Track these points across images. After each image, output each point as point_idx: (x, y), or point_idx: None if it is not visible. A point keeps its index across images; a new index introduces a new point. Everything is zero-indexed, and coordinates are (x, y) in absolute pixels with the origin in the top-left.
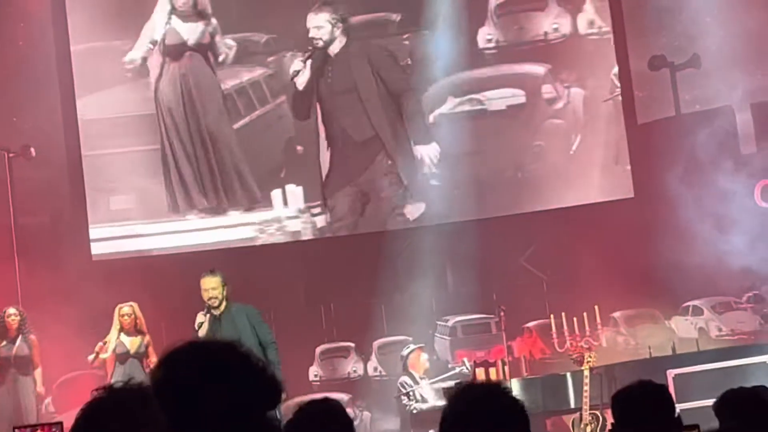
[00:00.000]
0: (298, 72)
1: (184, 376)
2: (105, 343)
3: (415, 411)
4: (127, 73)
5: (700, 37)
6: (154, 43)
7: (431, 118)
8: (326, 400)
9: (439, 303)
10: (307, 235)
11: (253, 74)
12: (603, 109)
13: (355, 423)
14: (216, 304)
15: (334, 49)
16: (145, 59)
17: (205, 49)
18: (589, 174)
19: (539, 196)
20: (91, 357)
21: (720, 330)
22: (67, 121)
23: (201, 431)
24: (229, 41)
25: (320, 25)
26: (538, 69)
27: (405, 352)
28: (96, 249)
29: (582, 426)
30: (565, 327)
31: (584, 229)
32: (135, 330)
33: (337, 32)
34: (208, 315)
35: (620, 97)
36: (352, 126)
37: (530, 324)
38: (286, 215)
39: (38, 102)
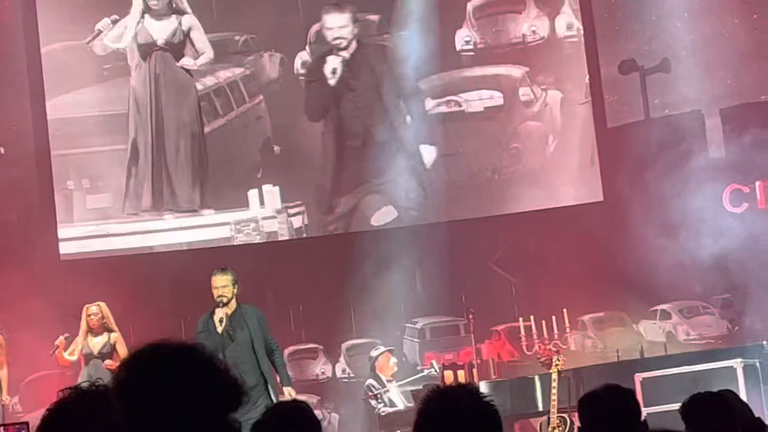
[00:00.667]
0: (335, 71)
1: (146, 378)
2: (66, 338)
3: (382, 413)
4: (105, 72)
5: (670, 41)
6: (120, 37)
7: (408, 119)
8: (295, 402)
9: (408, 305)
10: (283, 236)
11: (230, 74)
12: (579, 112)
13: (323, 424)
14: (225, 302)
15: (351, 48)
16: (112, 49)
17: (180, 48)
18: (565, 176)
19: (515, 198)
20: (51, 352)
21: (688, 334)
22: (37, 120)
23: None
24: (205, 39)
25: (344, 24)
26: (516, 71)
27: (374, 353)
28: (64, 248)
29: (550, 429)
30: (534, 330)
31: (553, 232)
32: (103, 329)
33: (356, 31)
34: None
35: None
36: (374, 125)
37: (499, 327)
38: (263, 215)
39: (8, 101)
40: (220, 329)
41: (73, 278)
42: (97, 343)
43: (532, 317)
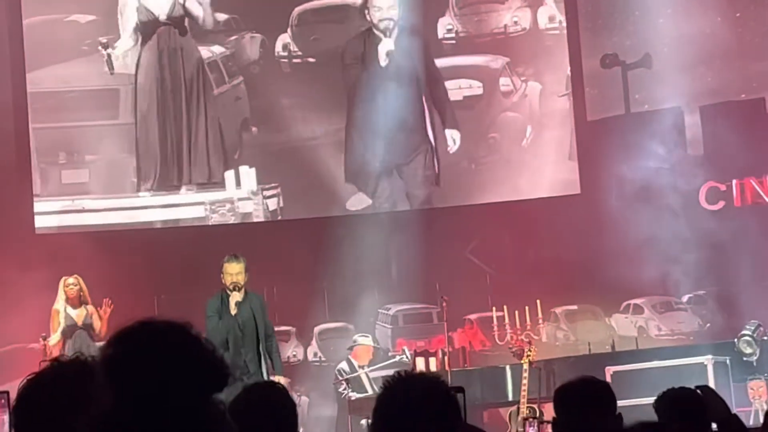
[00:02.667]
0: (390, 53)
1: (133, 355)
2: (44, 337)
3: (352, 398)
4: (84, 47)
5: (652, 37)
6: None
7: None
8: (271, 383)
9: (382, 291)
10: (258, 217)
11: (210, 54)
12: (559, 104)
13: (296, 407)
14: (239, 288)
15: (395, 33)
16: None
17: (180, 21)
18: (542, 168)
19: (492, 188)
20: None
21: (660, 329)
22: (17, 93)
23: (146, 409)
24: (201, 8)
25: (392, 5)
26: (496, 61)
27: (360, 339)
28: (39, 222)
29: (519, 419)
30: (507, 320)
31: (529, 223)
32: (79, 302)
33: (401, 12)
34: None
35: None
36: (407, 112)
37: (472, 316)
38: (239, 196)
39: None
40: (234, 311)
41: (47, 252)
42: (78, 314)
43: (505, 307)
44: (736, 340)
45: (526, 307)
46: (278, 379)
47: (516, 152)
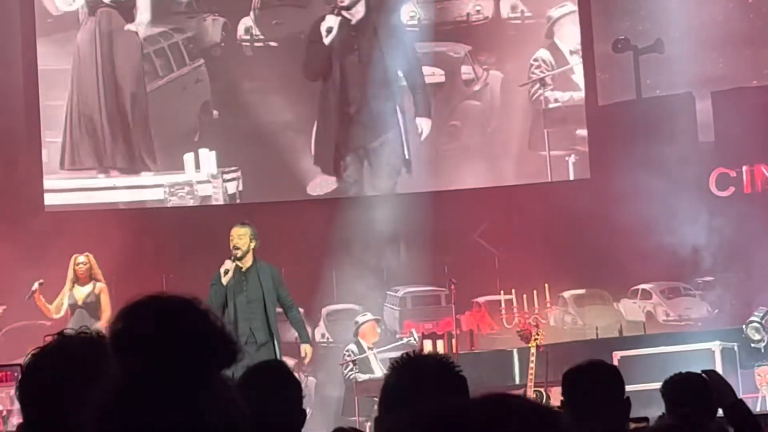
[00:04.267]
0: (331, 29)
1: (141, 329)
2: (40, 283)
3: (360, 379)
4: (48, 26)
5: (664, 22)
6: None
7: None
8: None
9: (391, 273)
10: (217, 201)
11: (172, 35)
12: (520, 94)
13: (302, 387)
14: (239, 255)
15: (357, 15)
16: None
17: (129, 6)
18: (502, 157)
19: (452, 175)
20: (27, 296)
21: (667, 315)
22: (27, 70)
23: (154, 384)
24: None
25: None
26: (459, 49)
27: (360, 319)
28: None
29: None
30: (515, 303)
31: (540, 207)
32: (89, 279)
33: None
34: (234, 264)
35: (540, 84)
36: (374, 95)
37: (480, 299)
38: (198, 179)
39: None
40: (224, 280)
41: (56, 229)
42: (82, 292)
43: (513, 291)
44: (744, 326)
45: (534, 291)
46: (304, 348)
47: (477, 140)
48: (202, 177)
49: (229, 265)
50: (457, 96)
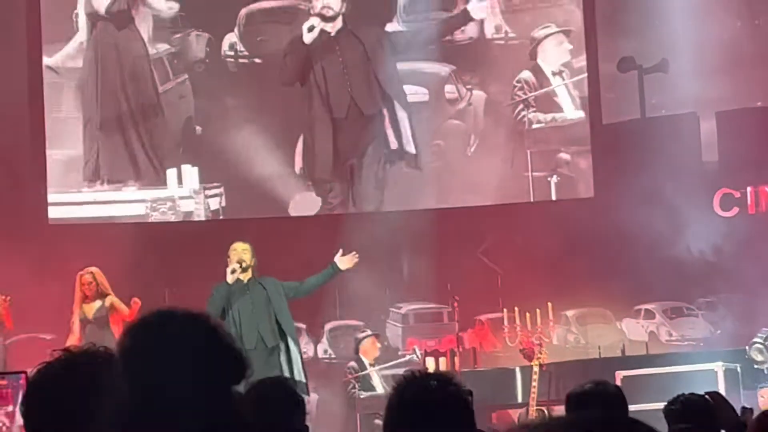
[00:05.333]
0: (312, 28)
1: (151, 345)
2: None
3: (362, 396)
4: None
5: (669, 42)
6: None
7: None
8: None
9: (394, 289)
10: (199, 217)
11: (156, 51)
12: (504, 113)
13: (305, 403)
14: (244, 266)
15: (337, 25)
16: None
17: (123, 18)
18: (485, 176)
19: (435, 194)
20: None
21: (670, 335)
22: (32, 83)
23: (163, 401)
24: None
25: None
26: (443, 69)
27: (360, 336)
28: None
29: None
30: (518, 321)
31: (542, 226)
32: (98, 295)
33: (343, 9)
34: (236, 276)
35: (523, 104)
36: (361, 99)
37: (482, 316)
38: (180, 195)
39: (3, 61)
40: (230, 279)
41: (60, 243)
42: (92, 308)
43: (516, 309)
44: (747, 347)
45: (537, 309)
46: (334, 264)
47: (460, 159)
48: (184, 193)
49: (235, 266)
50: (441, 115)
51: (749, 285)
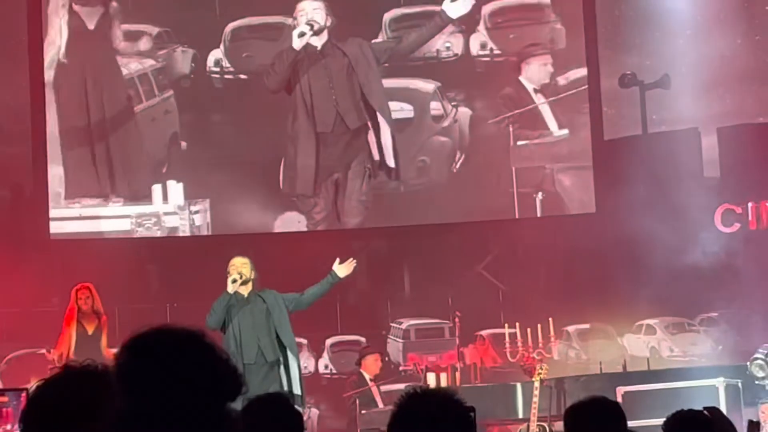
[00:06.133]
0: (303, 34)
1: (145, 361)
2: (49, 350)
3: (363, 412)
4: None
5: (671, 58)
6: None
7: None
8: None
9: (395, 305)
10: (184, 232)
11: (141, 66)
12: (489, 130)
13: (303, 419)
14: (244, 280)
15: (322, 39)
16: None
17: (106, 34)
18: (471, 193)
19: (420, 211)
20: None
21: (672, 351)
22: (35, 97)
23: (159, 417)
24: (130, 28)
25: (317, 7)
26: (428, 85)
27: (363, 350)
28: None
29: None
30: (519, 337)
31: (544, 241)
32: (92, 310)
33: (328, 23)
34: (234, 283)
35: (508, 121)
36: (346, 113)
37: (484, 332)
38: (165, 211)
39: (4, 76)
40: (231, 289)
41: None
42: (89, 324)
43: (517, 324)
44: (748, 363)
45: (539, 325)
46: (333, 272)
47: (445, 176)
48: (169, 209)
49: (236, 276)
50: (426, 131)
51: (750, 301)
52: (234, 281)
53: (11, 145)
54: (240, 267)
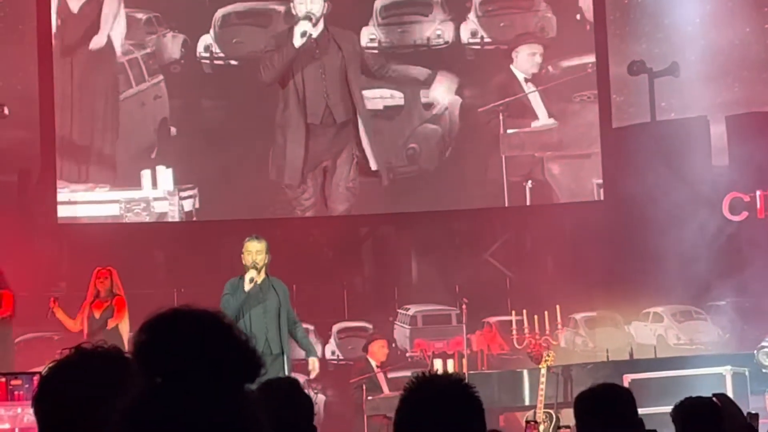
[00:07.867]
0: (305, 33)
1: (164, 342)
2: (56, 299)
3: (369, 398)
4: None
5: (680, 46)
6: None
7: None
8: (288, 378)
9: (402, 291)
10: (173, 218)
11: (131, 51)
12: (479, 118)
13: (314, 404)
14: (258, 268)
15: (318, 28)
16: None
17: (95, 21)
18: (459, 181)
19: (408, 199)
20: (47, 314)
21: (678, 338)
22: (43, 81)
23: (179, 397)
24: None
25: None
26: (419, 73)
27: (370, 336)
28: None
29: (534, 424)
30: (526, 324)
31: (552, 229)
32: (109, 293)
33: (325, 11)
34: (251, 282)
35: (500, 110)
36: (335, 106)
37: (491, 319)
38: (154, 196)
39: (14, 60)
40: (247, 287)
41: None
42: (98, 310)
43: (524, 311)
44: (755, 351)
45: (546, 312)
46: (312, 361)
47: (435, 164)
48: (158, 194)
49: (253, 273)
50: (417, 119)
51: (758, 289)
52: (251, 280)
53: (20, 129)
54: (255, 255)
